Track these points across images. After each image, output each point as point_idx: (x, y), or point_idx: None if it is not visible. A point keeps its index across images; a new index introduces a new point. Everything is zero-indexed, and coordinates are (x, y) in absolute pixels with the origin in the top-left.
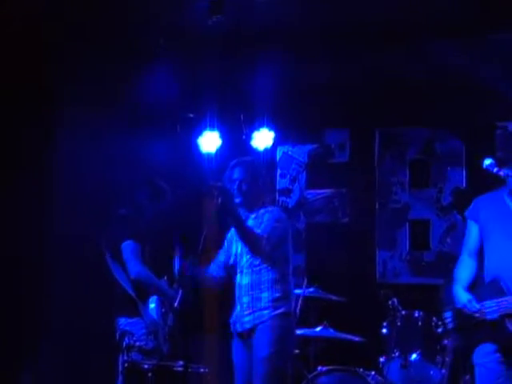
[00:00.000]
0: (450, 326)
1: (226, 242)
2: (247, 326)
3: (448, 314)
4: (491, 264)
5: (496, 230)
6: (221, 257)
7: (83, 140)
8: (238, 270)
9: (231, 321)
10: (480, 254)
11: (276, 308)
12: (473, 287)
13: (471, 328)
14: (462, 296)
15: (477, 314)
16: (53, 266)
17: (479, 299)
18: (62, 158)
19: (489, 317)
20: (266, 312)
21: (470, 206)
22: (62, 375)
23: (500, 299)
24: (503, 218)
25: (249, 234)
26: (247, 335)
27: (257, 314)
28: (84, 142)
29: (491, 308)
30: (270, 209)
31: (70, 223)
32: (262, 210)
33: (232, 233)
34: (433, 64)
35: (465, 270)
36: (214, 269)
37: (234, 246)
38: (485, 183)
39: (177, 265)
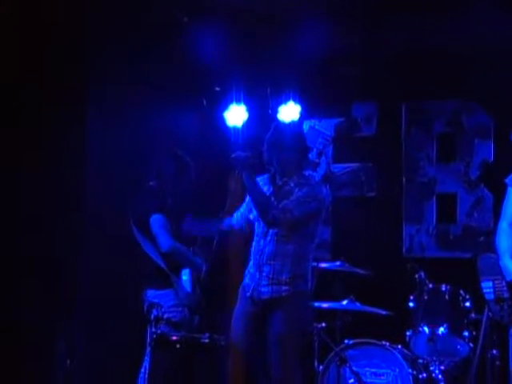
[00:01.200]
0: (489, 297)
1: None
2: (264, 296)
3: (487, 284)
4: None
5: None
6: (242, 209)
7: (112, 115)
8: (261, 235)
9: (246, 283)
10: None
11: (295, 286)
12: None
13: None
14: None
15: None
16: (84, 240)
17: None
18: (93, 133)
19: None
20: (284, 288)
21: (511, 174)
22: (93, 345)
23: None
24: None
25: (260, 199)
26: (262, 305)
27: (275, 287)
28: (113, 117)
29: None
30: (309, 182)
31: (101, 197)
32: (302, 180)
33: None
34: (462, 35)
35: (507, 240)
36: (235, 218)
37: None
38: None
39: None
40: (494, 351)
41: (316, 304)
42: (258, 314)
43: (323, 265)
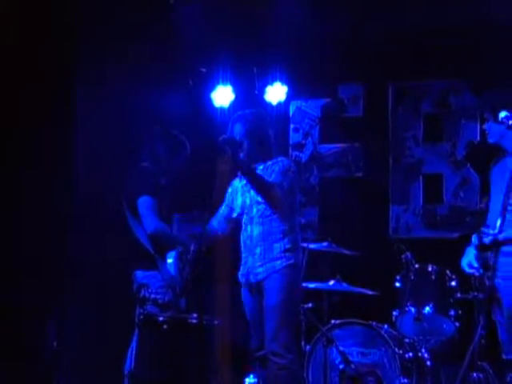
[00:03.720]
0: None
1: (227, 195)
2: (260, 276)
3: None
4: None
5: None
6: (222, 211)
7: (102, 95)
8: (248, 222)
9: (242, 273)
10: None
11: (288, 259)
12: None
13: None
14: None
15: None
16: (75, 221)
17: None
18: (84, 114)
19: None
20: (278, 262)
21: None
22: (84, 326)
23: None
24: None
25: (261, 182)
26: (258, 284)
27: (269, 264)
28: (102, 98)
29: None
30: (279, 159)
31: (91, 179)
32: (269, 162)
33: (235, 186)
34: (449, 15)
35: None
36: (215, 224)
37: (240, 198)
38: None
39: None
40: (481, 330)
41: (303, 284)
42: (257, 292)
43: (311, 246)
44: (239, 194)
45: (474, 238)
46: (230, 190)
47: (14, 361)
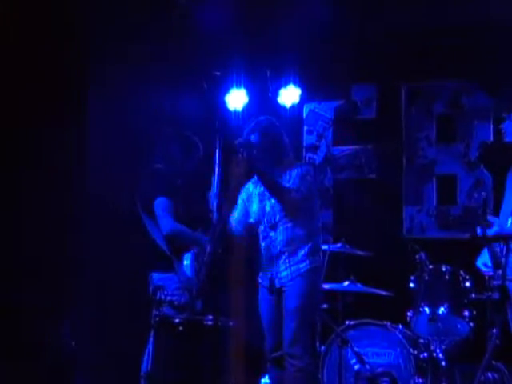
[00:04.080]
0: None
1: (242, 200)
2: (285, 280)
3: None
4: None
5: None
6: (238, 215)
7: (114, 96)
8: (270, 228)
9: (266, 277)
10: None
11: (311, 262)
12: None
13: None
14: None
15: None
16: (90, 223)
17: None
18: (96, 115)
19: None
20: (302, 265)
21: None
22: (100, 327)
23: None
24: None
25: (276, 186)
26: (280, 287)
27: (293, 268)
28: (116, 99)
29: None
30: (297, 164)
31: (105, 181)
32: (285, 167)
33: (249, 192)
34: (462, 16)
35: None
36: (234, 226)
37: (257, 205)
38: None
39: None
40: (494, 330)
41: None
42: (278, 296)
43: (324, 247)
44: (256, 200)
45: (478, 230)
46: (244, 195)
47: (29, 361)
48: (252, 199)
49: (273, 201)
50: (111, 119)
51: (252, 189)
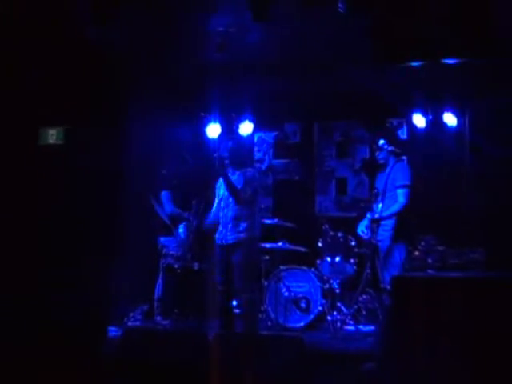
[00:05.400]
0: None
1: (216, 189)
2: (229, 241)
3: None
4: None
5: None
6: (216, 200)
7: (142, 130)
8: (225, 206)
9: (218, 236)
10: None
11: (248, 232)
12: None
13: None
14: None
15: None
16: (124, 208)
17: None
18: (130, 141)
19: None
20: (242, 235)
21: None
22: (131, 269)
23: None
24: None
25: (232, 187)
26: (228, 247)
27: (236, 235)
28: (142, 132)
29: None
30: (248, 170)
31: (136, 181)
32: (243, 170)
33: (220, 183)
34: (351, 84)
35: None
36: (212, 217)
37: (222, 190)
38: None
39: (194, 208)
40: (368, 270)
41: (263, 245)
42: (227, 252)
43: (267, 221)
44: (222, 187)
45: (369, 215)
46: (217, 185)
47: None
48: (221, 187)
49: None
50: (140, 142)
51: (221, 181)
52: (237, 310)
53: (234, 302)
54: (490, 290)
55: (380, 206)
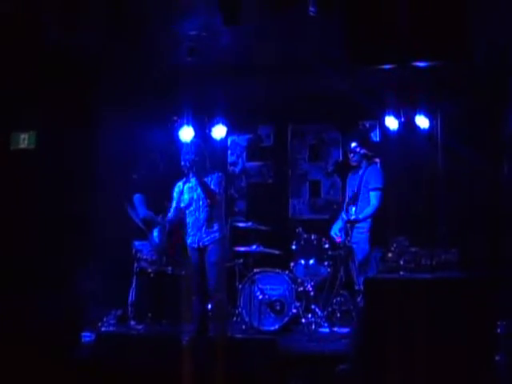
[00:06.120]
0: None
1: (175, 193)
2: (206, 243)
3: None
4: None
5: None
6: (174, 205)
7: (114, 133)
8: (195, 209)
9: (193, 241)
10: None
11: (221, 233)
12: None
13: None
14: None
15: None
16: (98, 211)
17: None
18: (102, 144)
19: None
20: (216, 235)
21: None
22: (104, 273)
23: None
24: None
25: (207, 189)
26: (204, 248)
27: (211, 235)
28: (114, 135)
29: None
30: (217, 174)
31: (107, 185)
32: (211, 174)
33: (182, 187)
34: (324, 87)
35: None
36: (173, 215)
37: (188, 194)
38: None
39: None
40: (342, 272)
41: (236, 248)
42: (202, 253)
43: (241, 224)
44: (186, 192)
45: (344, 216)
46: (177, 189)
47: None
48: (183, 191)
49: (199, 191)
50: (112, 146)
51: (182, 185)
52: (210, 313)
53: (210, 306)
54: (462, 290)
55: (353, 208)
